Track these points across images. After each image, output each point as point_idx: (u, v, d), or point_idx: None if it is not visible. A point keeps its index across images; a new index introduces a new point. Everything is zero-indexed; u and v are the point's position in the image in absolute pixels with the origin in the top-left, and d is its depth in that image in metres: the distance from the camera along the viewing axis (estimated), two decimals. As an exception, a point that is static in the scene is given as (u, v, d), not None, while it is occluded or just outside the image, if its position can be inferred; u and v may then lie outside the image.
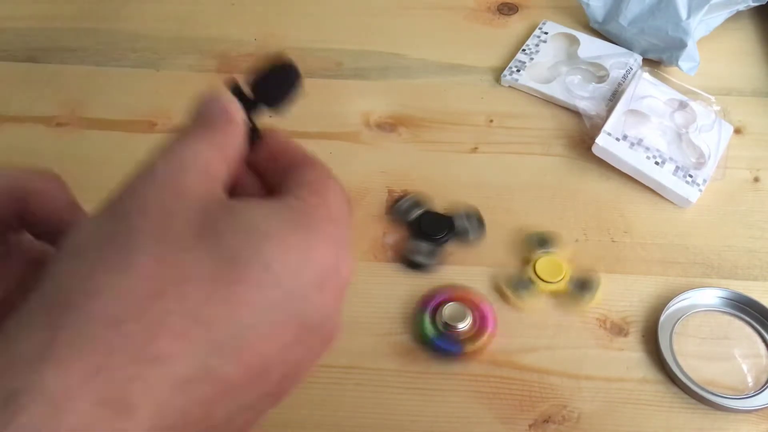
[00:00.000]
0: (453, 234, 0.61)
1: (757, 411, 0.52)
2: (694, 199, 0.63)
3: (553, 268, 0.58)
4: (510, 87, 0.74)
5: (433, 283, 0.58)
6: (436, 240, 0.60)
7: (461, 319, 0.54)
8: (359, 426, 0.52)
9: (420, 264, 0.59)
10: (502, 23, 0.81)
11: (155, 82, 0.75)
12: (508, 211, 0.63)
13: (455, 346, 0.54)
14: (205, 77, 0.75)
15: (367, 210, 0.63)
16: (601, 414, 0.52)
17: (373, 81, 0.75)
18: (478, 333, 0.54)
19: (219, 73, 0.75)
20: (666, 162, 0.64)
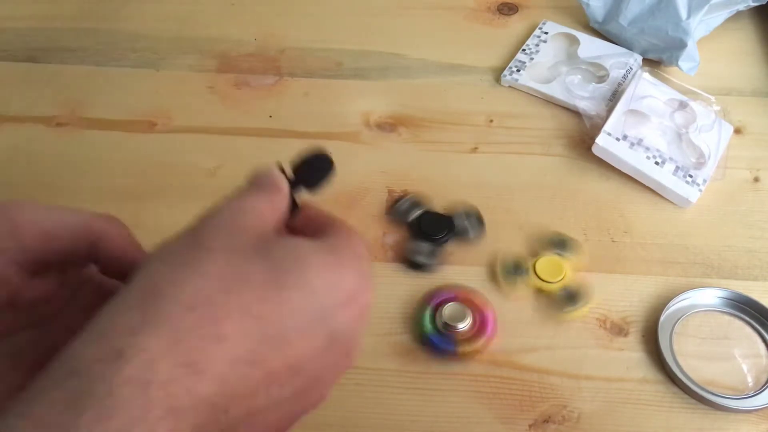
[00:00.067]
0: (453, 234, 0.61)
1: (757, 411, 0.52)
2: (694, 199, 0.63)
3: (553, 268, 0.58)
4: (510, 87, 0.74)
5: (434, 283, 0.58)
6: (436, 240, 0.60)
7: (461, 319, 0.54)
8: (359, 426, 0.52)
9: (421, 264, 0.59)
10: (502, 23, 0.82)
11: (155, 82, 0.75)
12: (508, 211, 0.63)
13: (451, 345, 0.54)
14: (205, 77, 0.75)
15: (367, 210, 0.63)
16: (601, 414, 0.52)
17: (373, 81, 0.75)
18: (477, 334, 0.54)
19: (219, 73, 0.75)
20: (666, 162, 0.64)
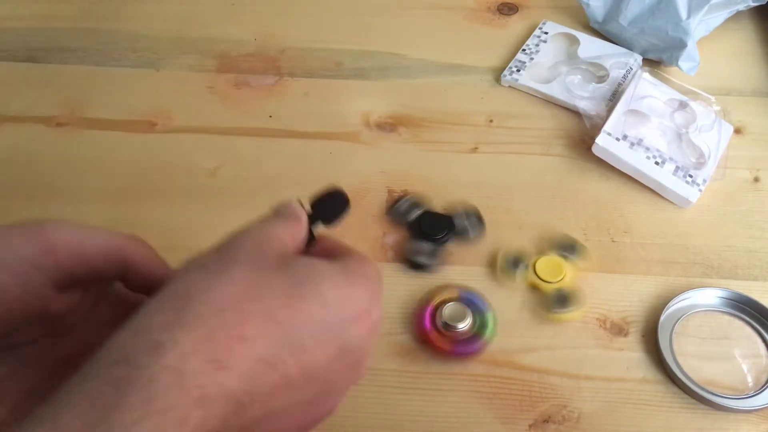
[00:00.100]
0: (453, 233, 0.61)
1: (757, 411, 0.52)
2: (694, 199, 0.63)
3: (553, 268, 0.58)
4: (510, 87, 0.74)
5: (434, 283, 0.58)
6: (436, 240, 0.60)
7: (461, 319, 0.54)
8: (359, 426, 0.51)
9: (422, 264, 0.59)
10: (502, 23, 0.81)
11: (155, 82, 0.75)
12: (508, 211, 0.63)
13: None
14: (205, 77, 0.75)
15: (367, 210, 0.63)
16: (601, 414, 0.52)
17: (373, 81, 0.75)
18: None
19: (219, 73, 0.75)
20: (666, 162, 0.64)
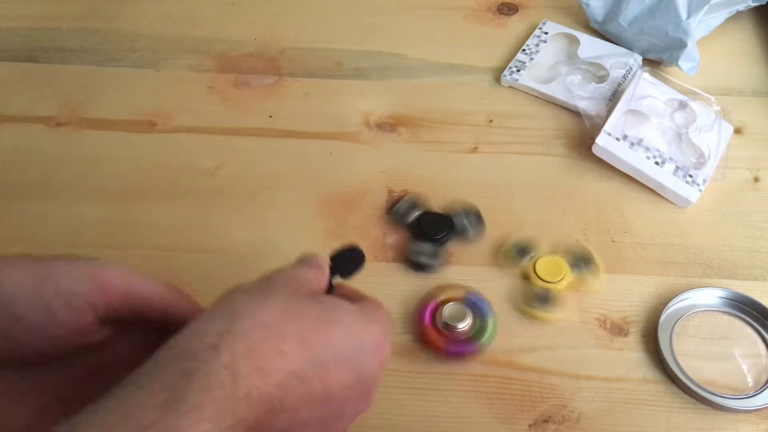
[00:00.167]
0: (453, 233, 0.61)
1: (757, 411, 0.52)
2: (694, 199, 0.63)
3: (553, 267, 0.58)
4: (510, 87, 0.74)
5: (434, 283, 0.58)
6: (437, 240, 0.60)
7: (461, 319, 0.54)
8: (359, 426, 0.51)
9: (424, 265, 0.59)
10: (502, 23, 0.81)
11: (155, 82, 0.75)
12: (508, 211, 0.63)
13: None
14: (205, 77, 0.75)
15: (367, 210, 0.63)
16: (601, 414, 0.52)
17: (373, 81, 0.75)
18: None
19: (219, 73, 0.75)
20: (666, 162, 0.64)
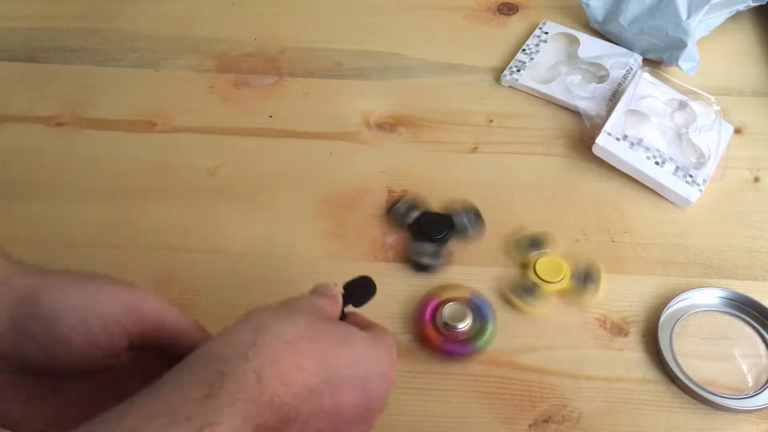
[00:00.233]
0: (453, 232, 0.61)
1: (757, 411, 0.52)
2: (694, 199, 0.63)
3: (554, 267, 0.58)
4: (510, 87, 0.74)
5: (434, 283, 0.58)
6: (437, 240, 0.60)
7: (461, 319, 0.54)
8: (359, 426, 0.51)
9: (426, 265, 0.59)
10: (502, 23, 0.81)
11: (155, 82, 0.75)
12: (508, 211, 0.63)
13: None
14: (205, 77, 0.75)
15: (367, 210, 0.63)
16: (601, 414, 0.52)
17: (373, 81, 0.75)
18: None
19: (219, 73, 0.75)
20: (666, 162, 0.64)
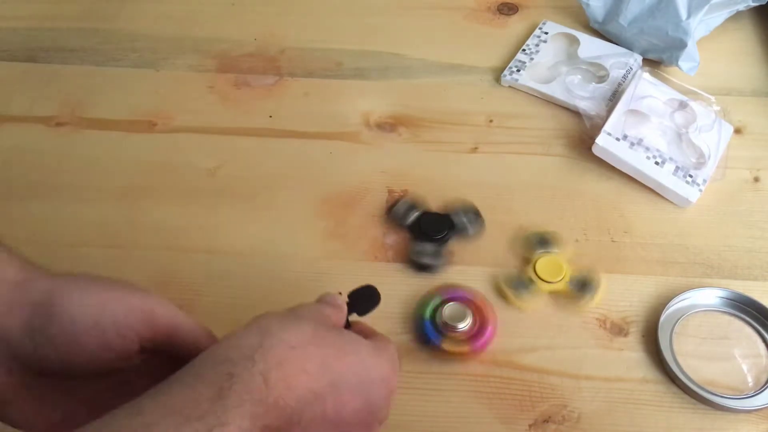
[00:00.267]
0: (454, 231, 0.61)
1: (757, 411, 0.52)
2: (694, 199, 0.63)
3: (553, 267, 0.58)
4: (510, 87, 0.74)
5: (433, 283, 0.58)
6: (438, 240, 0.60)
7: (461, 319, 0.54)
8: (359, 426, 0.51)
9: (428, 266, 0.59)
10: (502, 23, 0.81)
11: (155, 82, 0.75)
12: (508, 211, 0.63)
13: (438, 338, 0.54)
14: (205, 77, 0.75)
15: (367, 210, 0.63)
16: (601, 414, 0.52)
17: (373, 81, 0.75)
18: (477, 333, 0.54)
19: (219, 73, 0.75)
20: (666, 162, 0.64)
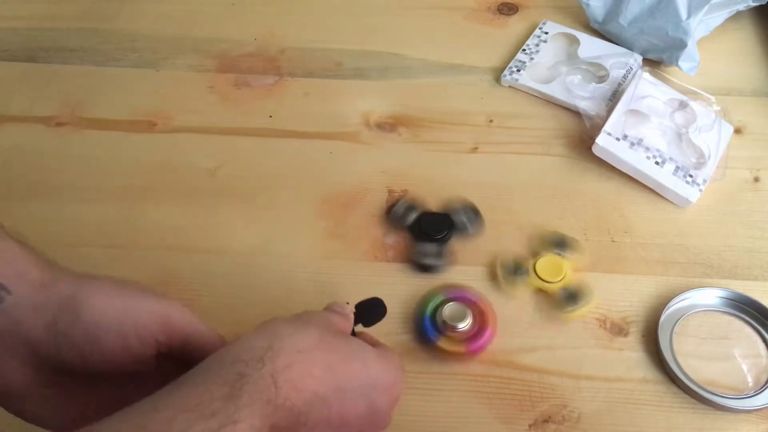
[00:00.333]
0: (454, 231, 0.61)
1: (757, 411, 0.52)
2: (694, 199, 0.63)
3: (554, 268, 0.58)
4: (510, 87, 0.74)
5: (433, 284, 0.58)
6: (438, 240, 0.60)
7: (461, 319, 0.54)
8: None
9: (430, 266, 0.59)
10: (502, 23, 0.81)
11: (155, 82, 0.75)
12: (508, 211, 0.63)
13: (435, 336, 0.54)
14: (205, 77, 0.75)
15: (367, 210, 0.63)
16: (601, 414, 0.52)
17: (373, 81, 0.75)
18: (477, 333, 0.54)
19: (219, 73, 0.75)
20: (666, 162, 0.64)
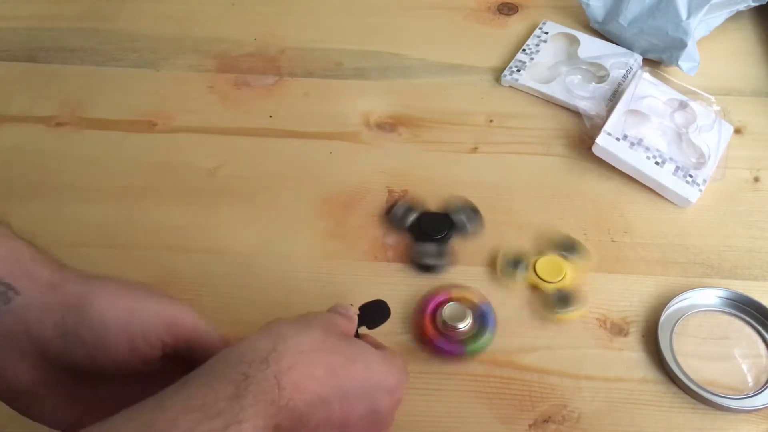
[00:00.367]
0: (454, 230, 0.61)
1: (757, 411, 0.52)
2: (694, 199, 0.63)
3: (554, 269, 0.58)
4: (510, 87, 0.74)
5: (433, 284, 0.58)
6: (439, 239, 0.60)
7: (461, 319, 0.54)
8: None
9: (432, 266, 0.59)
10: (502, 23, 0.82)
11: (155, 82, 0.75)
12: (508, 211, 0.63)
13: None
14: (205, 77, 0.75)
15: (367, 210, 0.63)
16: (601, 414, 0.52)
17: (373, 81, 0.75)
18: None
19: (219, 73, 0.75)
20: (666, 162, 0.64)
